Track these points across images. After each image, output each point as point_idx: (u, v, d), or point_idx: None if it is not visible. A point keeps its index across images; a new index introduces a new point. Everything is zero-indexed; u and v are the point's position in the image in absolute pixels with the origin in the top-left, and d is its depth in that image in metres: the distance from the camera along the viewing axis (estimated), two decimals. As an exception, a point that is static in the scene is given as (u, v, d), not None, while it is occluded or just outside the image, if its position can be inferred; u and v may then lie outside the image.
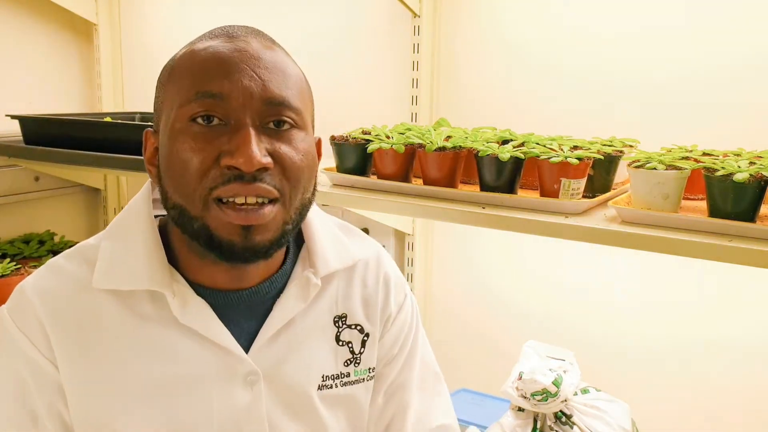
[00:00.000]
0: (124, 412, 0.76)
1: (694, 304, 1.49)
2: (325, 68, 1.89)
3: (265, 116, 0.73)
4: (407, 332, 0.95)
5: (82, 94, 2.33)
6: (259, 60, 0.73)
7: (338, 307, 0.87)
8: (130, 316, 0.77)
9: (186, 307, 0.77)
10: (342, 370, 0.86)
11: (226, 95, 0.71)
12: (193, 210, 0.72)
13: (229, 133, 0.71)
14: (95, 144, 1.65)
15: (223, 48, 0.73)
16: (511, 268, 1.72)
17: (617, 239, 1.07)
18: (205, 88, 0.71)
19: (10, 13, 2.10)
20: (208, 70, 0.72)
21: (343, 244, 0.89)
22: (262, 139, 0.72)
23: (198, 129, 0.72)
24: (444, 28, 1.72)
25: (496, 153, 1.19)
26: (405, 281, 0.98)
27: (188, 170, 0.71)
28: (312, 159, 0.77)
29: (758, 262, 0.96)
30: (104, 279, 0.77)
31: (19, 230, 2.12)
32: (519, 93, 1.64)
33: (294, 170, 0.74)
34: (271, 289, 0.82)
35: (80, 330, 0.76)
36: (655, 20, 1.46)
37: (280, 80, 0.74)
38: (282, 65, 0.75)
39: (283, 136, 0.74)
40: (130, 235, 0.80)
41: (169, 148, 0.73)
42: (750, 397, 1.46)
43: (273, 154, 0.72)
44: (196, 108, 0.71)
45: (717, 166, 1.05)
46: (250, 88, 0.71)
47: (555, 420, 1.27)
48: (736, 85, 1.39)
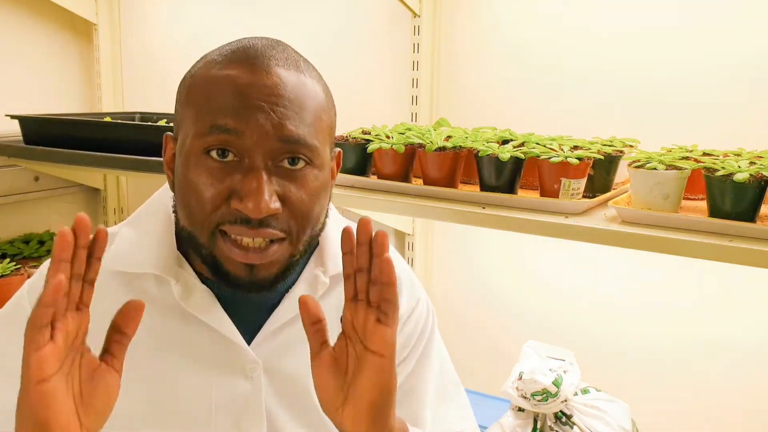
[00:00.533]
0: (124, 393, 0.77)
1: (694, 304, 1.49)
2: (325, 68, 1.87)
3: (280, 153, 0.72)
4: (420, 335, 0.94)
5: (82, 94, 2.33)
6: (277, 95, 0.72)
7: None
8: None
9: (190, 294, 0.79)
10: None
11: (241, 132, 0.71)
12: (201, 238, 0.74)
13: (242, 171, 0.71)
14: (95, 144, 1.65)
15: (242, 79, 0.72)
16: (511, 268, 1.72)
17: (617, 239, 1.07)
18: (220, 123, 0.71)
19: (10, 13, 2.10)
20: (224, 103, 0.71)
21: None
22: (273, 181, 0.72)
23: (212, 163, 0.72)
24: (444, 28, 1.72)
25: (496, 153, 1.19)
26: (419, 285, 0.96)
27: (199, 204, 0.72)
28: (324, 195, 0.77)
29: (758, 262, 0.96)
30: (114, 261, 0.79)
31: (19, 230, 2.12)
32: (519, 93, 1.64)
33: (303, 211, 0.74)
34: (281, 285, 0.83)
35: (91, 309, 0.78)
36: (655, 20, 1.46)
37: (297, 116, 0.72)
38: (301, 97, 0.73)
39: (296, 175, 0.73)
40: (146, 224, 0.82)
41: (183, 176, 0.74)
42: (750, 397, 1.46)
43: (283, 198, 0.72)
44: (211, 141, 0.72)
45: (717, 166, 1.05)
46: (265, 126, 0.71)
47: (555, 420, 1.27)
48: (736, 85, 1.39)
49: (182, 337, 0.79)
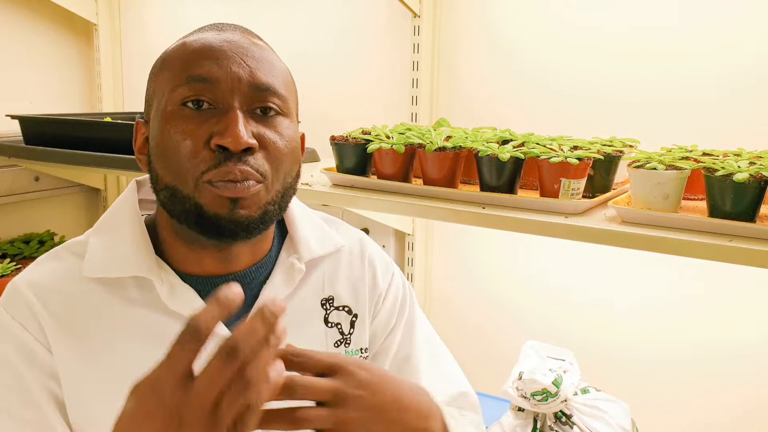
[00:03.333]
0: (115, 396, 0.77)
1: (694, 304, 1.49)
2: (325, 68, 1.89)
3: (252, 101, 0.76)
4: (401, 304, 0.96)
5: (82, 94, 2.33)
6: (246, 50, 0.77)
7: (325, 290, 0.89)
8: (119, 302, 0.79)
9: (174, 293, 0.79)
10: (332, 350, 0.88)
11: (216, 79, 0.75)
12: (185, 189, 0.75)
13: (218, 115, 0.75)
14: (95, 144, 1.65)
15: (213, 39, 0.78)
16: (511, 268, 1.72)
17: (617, 239, 1.07)
18: (195, 73, 0.75)
19: (10, 13, 2.10)
20: (198, 56, 0.76)
21: (326, 232, 0.92)
22: (249, 122, 0.75)
23: (189, 113, 0.75)
24: (444, 28, 1.72)
25: (496, 153, 1.19)
26: (391, 261, 0.99)
27: (180, 152, 0.74)
28: (295, 146, 0.80)
29: (758, 262, 0.96)
30: (93, 268, 0.79)
31: (19, 230, 2.12)
32: (519, 93, 1.64)
33: (277, 154, 0.77)
34: (257, 275, 0.84)
35: (71, 317, 0.78)
36: (656, 20, 1.46)
37: (266, 69, 0.78)
38: (268, 57, 0.80)
39: (269, 122, 0.77)
40: (117, 229, 0.83)
41: (161, 131, 0.76)
42: (750, 396, 1.46)
43: (258, 138, 0.75)
44: (187, 92, 0.75)
45: (717, 166, 1.05)
46: (238, 73, 0.75)
47: (555, 420, 1.27)
48: (736, 85, 1.39)
49: (169, 336, 0.78)
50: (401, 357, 0.95)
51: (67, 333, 0.78)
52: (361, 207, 1.36)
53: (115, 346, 0.78)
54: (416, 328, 0.98)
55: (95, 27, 2.26)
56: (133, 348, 0.78)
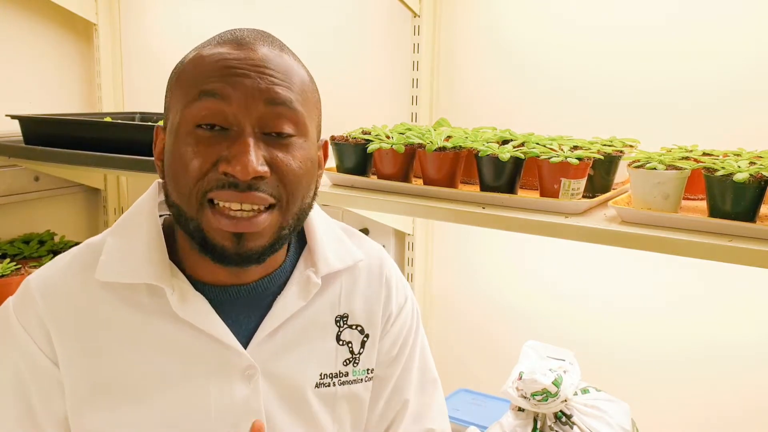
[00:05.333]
0: (123, 404, 0.78)
1: (694, 304, 1.49)
2: (325, 68, 1.89)
3: (266, 122, 0.74)
4: (407, 334, 0.95)
5: (82, 94, 2.33)
6: (264, 65, 0.74)
7: (340, 307, 0.88)
8: (130, 310, 0.79)
9: (185, 302, 0.78)
10: (341, 369, 0.87)
11: (228, 96, 0.72)
12: (189, 211, 0.74)
13: (230, 139, 0.73)
14: (95, 144, 1.65)
15: (230, 54, 0.74)
16: (511, 268, 1.72)
17: (617, 239, 1.07)
18: (207, 88, 0.73)
19: (11, 13, 2.10)
20: (212, 72, 0.74)
21: (345, 245, 0.90)
22: (260, 147, 0.73)
23: (200, 133, 0.73)
24: (444, 28, 1.72)
25: (496, 153, 1.19)
26: (407, 283, 0.98)
27: (187, 172, 0.73)
28: (311, 166, 0.78)
29: (758, 262, 0.96)
30: (106, 272, 0.79)
31: (19, 230, 2.12)
32: (519, 93, 1.64)
33: (291, 178, 0.75)
34: (270, 286, 0.83)
35: (81, 324, 0.78)
36: (656, 20, 1.46)
37: (284, 84, 0.75)
38: (287, 70, 0.76)
39: (283, 144, 0.75)
40: (133, 232, 0.81)
41: (172, 148, 0.75)
42: (750, 396, 1.46)
43: (270, 163, 0.73)
44: (199, 109, 0.73)
45: (717, 166, 1.05)
46: (252, 88, 0.73)
47: (555, 420, 1.27)
48: (736, 85, 1.39)
49: (179, 344, 0.79)
50: (396, 387, 0.94)
51: (74, 339, 0.77)
52: (361, 207, 1.36)
53: (123, 353, 0.78)
54: (415, 359, 0.97)
55: (95, 27, 2.26)
56: (140, 355, 0.78)
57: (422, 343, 0.99)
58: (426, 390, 0.98)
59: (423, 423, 0.96)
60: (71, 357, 0.77)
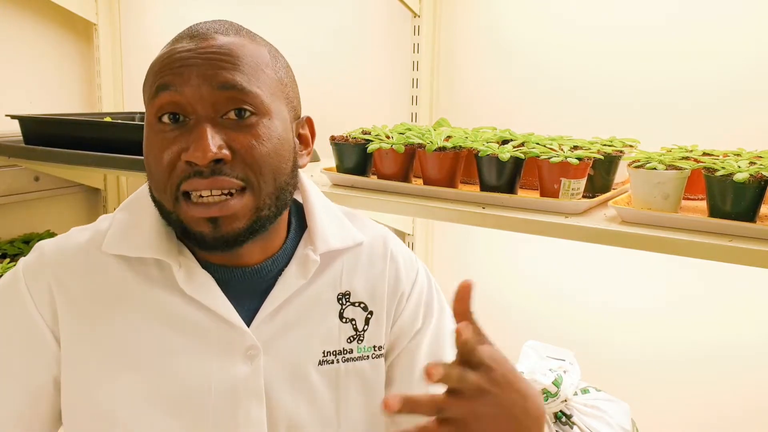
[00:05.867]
0: (124, 374, 0.79)
1: (694, 304, 1.49)
2: (325, 68, 1.89)
3: (221, 105, 0.75)
4: (426, 305, 0.95)
5: (82, 94, 2.33)
6: (212, 51, 0.76)
7: (342, 285, 0.89)
8: (138, 281, 0.80)
9: (191, 279, 0.80)
10: (345, 346, 0.88)
11: (180, 86, 0.74)
12: (168, 204, 0.76)
13: (189, 128, 0.75)
14: (95, 144, 1.65)
15: (182, 47, 0.77)
16: (511, 268, 1.72)
17: (617, 239, 1.07)
18: (161, 82, 0.75)
19: (10, 13, 2.10)
20: (166, 66, 0.76)
21: (345, 226, 0.91)
22: (218, 131, 0.74)
23: (164, 128, 0.76)
24: (444, 28, 1.72)
25: (496, 153, 1.19)
26: (416, 259, 0.98)
27: (158, 167, 0.75)
28: (280, 144, 0.78)
29: (758, 262, 0.96)
30: (114, 244, 0.81)
31: (19, 230, 2.12)
32: (519, 93, 1.64)
33: (256, 158, 0.75)
34: (273, 268, 0.84)
35: (89, 290, 0.80)
36: (656, 20, 1.46)
37: (233, 67, 0.75)
38: (238, 53, 0.77)
39: (244, 125, 0.75)
40: (143, 209, 0.83)
41: (145, 146, 0.78)
42: (750, 396, 1.46)
43: (230, 145, 0.74)
44: (158, 103, 0.75)
45: (717, 166, 1.05)
46: (200, 76, 0.74)
47: (555, 420, 1.27)
48: (736, 85, 1.39)
49: (184, 319, 0.80)
50: (433, 356, 0.94)
51: (81, 305, 0.79)
52: (361, 207, 1.36)
53: (128, 322, 0.79)
54: (446, 332, 0.96)
55: (95, 27, 2.26)
56: (145, 326, 0.79)
57: (450, 318, 0.98)
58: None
59: None
60: (75, 324, 0.78)
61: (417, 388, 0.92)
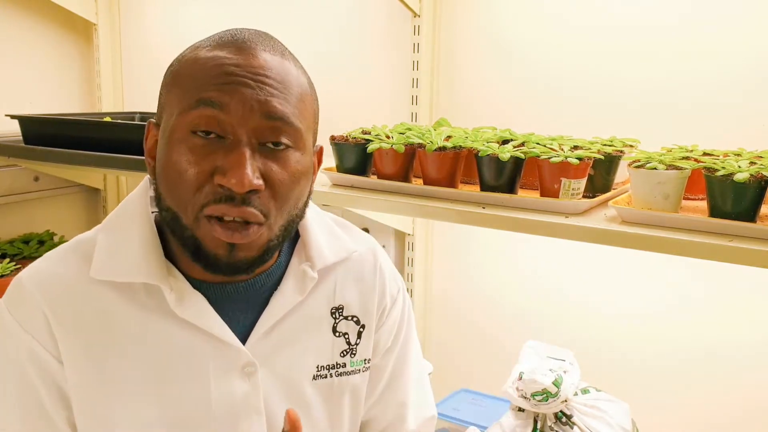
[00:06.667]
0: (124, 402, 0.78)
1: (693, 304, 1.49)
2: (325, 68, 1.89)
3: (263, 133, 0.73)
4: (400, 324, 0.97)
5: (82, 94, 2.33)
6: (263, 73, 0.73)
7: (335, 299, 0.89)
8: (129, 307, 0.78)
9: (183, 301, 0.78)
10: (338, 360, 0.88)
11: (226, 105, 0.71)
12: (185, 219, 0.74)
13: (226, 148, 0.72)
14: (95, 144, 1.65)
15: (229, 59, 0.73)
16: (512, 267, 1.72)
17: (617, 239, 1.07)
18: (205, 96, 0.71)
19: (10, 13, 2.10)
20: (211, 78, 0.72)
21: (339, 238, 0.91)
22: (256, 158, 0.72)
23: (196, 141, 0.72)
24: (444, 28, 1.72)
25: (496, 153, 1.19)
26: (398, 275, 1.00)
27: (183, 182, 0.72)
28: (304, 180, 0.78)
29: (758, 262, 0.96)
30: (101, 270, 0.78)
31: (19, 230, 2.12)
32: (519, 93, 1.64)
33: (283, 191, 0.74)
34: (266, 282, 0.84)
35: (81, 320, 0.77)
36: (656, 20, 1.46)
37: (282, 97, 0.73)
38: (287, 79, 0.75)
39: (279, 156, 0.74)
40: (127, 229, 0.80)
41: (167, 154, 0.74)
42: (750, 396, 1.46)
43: (265, 175, 0.73)
44: (196, 117, 0.72)
45: (717, 166, 1.05)
46: (251, 101, 0.71)
47: (555, 420, 1.27)
48: (736, 85, 1.39)
49: (178, 342, 0.79)
50: (394, 376, 0.97)
51: (75, 336, 0.77)
52: (361, 207, 1.36)
53: (122, 350, 0.78)
54: (411, 349, 0.99)
55: (95, 27, 2.26)
56: (139, 353, 0.78)
57: (414, 334, 1.02)
58: (422, 381, 1.02)
59: (425, 411, 1.01)
60: (72, 351, 0.77)
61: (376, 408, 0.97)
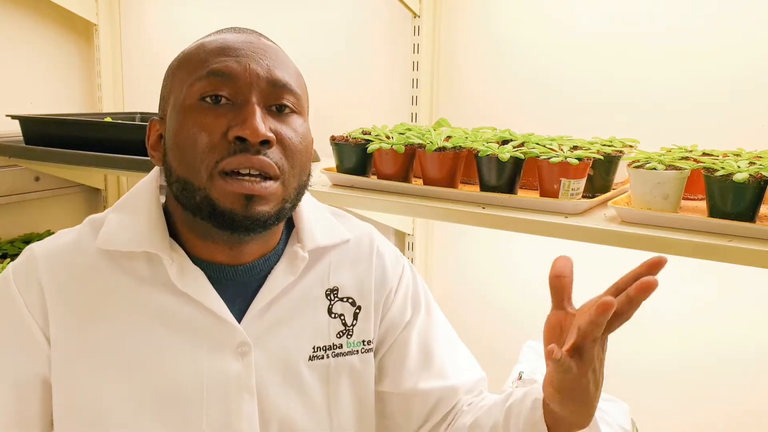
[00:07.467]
0: (112, 376, 0.79)
1: (694, 305, 1.49)
2: (326, 68, 1.89)
3: (269, 97, 0.78)
4: (413, 297, 0.98)
5: (82, 94, 2.33)
6: (264, 49, 0.80)
7: (330, 281, 0.91)
8: (129, 278, 0.81)
9: (183, 274, 0.81)
10: (334, 341, 0.89)
11: (235, 75, 0.77)
12: (198, 182, 0.76)
13: (236, 109, 0.76)
14: (95, 144, 1.65)
15: (232, 38, 0.80)
16: (511, 268, 1.72)
17: (617, 239, 1.07)
18: (215, 67, 0.77)
19: (11, 14, 2.10)
20: (218, 53, 0.78)
21: (332, 224, 0.93)
22: (266, 118, 0.77)
23: (206, 107, 0.77)
24: (444, 28, 1.72)
25: (496, 153, 1.19)
26: (400, 255, 1.01)
27: (197, 144, 0.76)
28: (308, 144, 0.83)
29: (758, 262, 0.96)
30: (107, 240, 0.81)
31: (19, 230, 2.12)
32: (519, 93, 1.64)
33: (293, 150, 0.79)
34: (264, 267, 0.86)
35: (79, 289, 0.80)
36: (655, 20, 1.46)
37: (282, 68, 0.80)
38: (283, 58, 0.82)
39: (284, 118, 0.79)
40: (135, 208, 0.84)
41: (179, 124, 0.78)
42: (750, 397, 1.46)
43: (275, 133, 0.77)
44: (206, 86, 0.77)
45: (717, 166, 1.05)
46: (256, 70, 0.77)
47: (555, 420, 1.27)
48: (736, 86, 1.39)
49: (175, 315, 0.81)
50: (423, 349, 0.97)
51: (71, 304, 0.79)
52: (361, 207, 1.36)
53: (119, 320, 0.80)
54: (435, 322, 1.00)
55: (95, 27, 2.26)
56: (136, 323, 0.80)
57: (435, 307, 1.02)
58: (456, 346, 1.02)
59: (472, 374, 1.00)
60: (66, 324, 0.79)
61: (408, 380, 0.95)
